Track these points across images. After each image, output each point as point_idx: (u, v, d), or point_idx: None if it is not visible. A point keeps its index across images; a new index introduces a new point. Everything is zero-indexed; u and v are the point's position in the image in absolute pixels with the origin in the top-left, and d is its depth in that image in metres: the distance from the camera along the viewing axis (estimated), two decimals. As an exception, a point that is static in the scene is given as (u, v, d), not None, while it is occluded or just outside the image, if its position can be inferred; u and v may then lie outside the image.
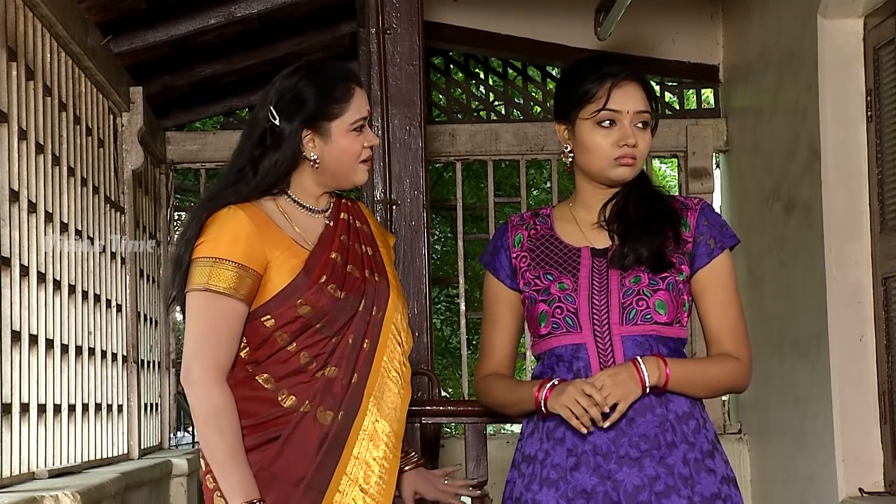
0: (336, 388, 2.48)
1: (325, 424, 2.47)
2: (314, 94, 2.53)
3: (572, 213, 2.63)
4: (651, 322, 2.47)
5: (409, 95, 5.00)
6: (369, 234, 2.66)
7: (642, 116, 2.53)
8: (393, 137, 4.99)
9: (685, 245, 2.54)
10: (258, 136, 2.54)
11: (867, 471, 5.03)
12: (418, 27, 5.01)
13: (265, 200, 2.55)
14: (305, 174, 2.57)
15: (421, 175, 5.00)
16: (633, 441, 2.44)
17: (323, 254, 2.52)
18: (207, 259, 2.45)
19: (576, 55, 7.09)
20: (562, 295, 2.51)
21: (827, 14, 5.15)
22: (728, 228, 2.58)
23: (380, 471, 2.52)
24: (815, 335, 5.29)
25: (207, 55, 6.51)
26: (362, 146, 2.57)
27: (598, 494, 2.43)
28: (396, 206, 4.96)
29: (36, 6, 4.27)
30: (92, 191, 5.18)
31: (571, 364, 2.49)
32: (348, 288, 2.52)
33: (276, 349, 2.48)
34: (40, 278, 4.25)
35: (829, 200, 5.17)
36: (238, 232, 2.46)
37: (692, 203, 2.59)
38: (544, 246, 2.61)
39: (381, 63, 5.01)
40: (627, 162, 2.52)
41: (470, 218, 9.47)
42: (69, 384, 4.64)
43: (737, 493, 2.51)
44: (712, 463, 2.48)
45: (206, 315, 2.45)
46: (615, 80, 2.52)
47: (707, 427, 2.52)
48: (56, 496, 3.55)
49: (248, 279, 2.45)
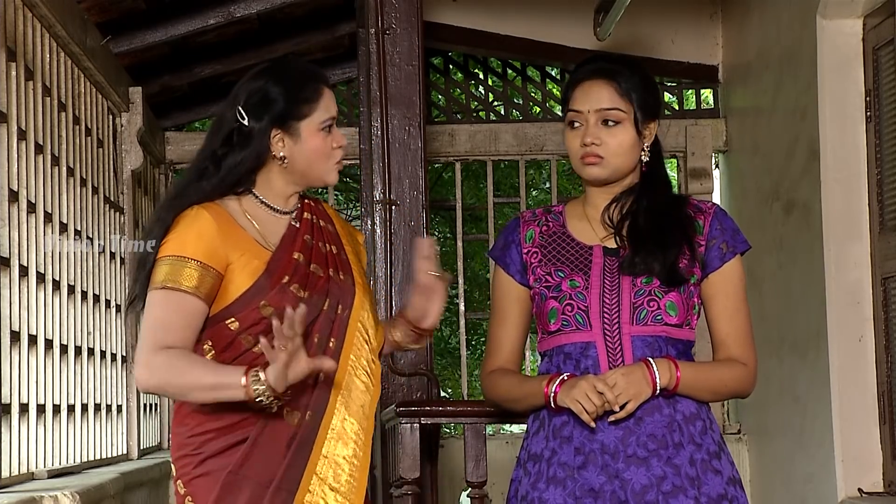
0: (303, 388, 2.48)
1: (293, 425, 2.46)
2: (283, 93, 2.52)
3: (584, 211, 2.63)
4: (661, 323, 2.47)
5: (408, 95, 5.00)
6: (334, 233, 2.65)
7: (607, 114, 2.53)
8: (392, 137, 4.99)
9: (697, 249, 2.54)
10: (225, 135, 2.53)
11: (866, 471, 5.03)
12: (417, 27, 5.00)
13: (229, 200, 2.54)
14: (274, 173, 2.56)
15: (420, 175, 5.00)
16: (640, 441, 2.44)
17: (285, 255, 2.51)
18: (169, 258, 2.45)
19: (575, 55, 7.08)
20: (573, 292, 2.51)
21: (826, 14, 5.15)
22: (740, 234, 2.58)
23: (350, 469, 2.51)
24: (815, 335, 5.29)
25: (207, 55, 6.51)
26: (331, 147, 2.56)
27: (605, 493, 2.43)
28: (396, 206, 4.96)
29: (35, 6, 4.27)
30: (91, 191, 5.18)
31: (579, 362, 2.49)
32: (311, 287, 2.51)
33: (242, 351, 2.47)
34: (39, 278, 4.25)
35: (828, 201, 5.17)
36: (200, 231, 2.46)
37: (706, 207, 2.59)
38: (556, 243, 2.60)
39: (381, 63, 5.01)
40: (591, 161, 2.53)
41: (469, 218, 9.46)
42: (68, 384, 4.64)
43: (742, 495, 2.51)
44: (719, 464, 2.48)
45: (160, 309, 2.44)
46: (578, 80, 2.56)
47: (713, 428, 2.52)
48: (55, 496, 3.55)
49: (208, 278, 2.44)
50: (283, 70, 2.58)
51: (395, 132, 5.00)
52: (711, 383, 2.51)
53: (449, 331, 11.31)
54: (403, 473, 3.79)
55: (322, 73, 2.62)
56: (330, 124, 2.56)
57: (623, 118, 2.53)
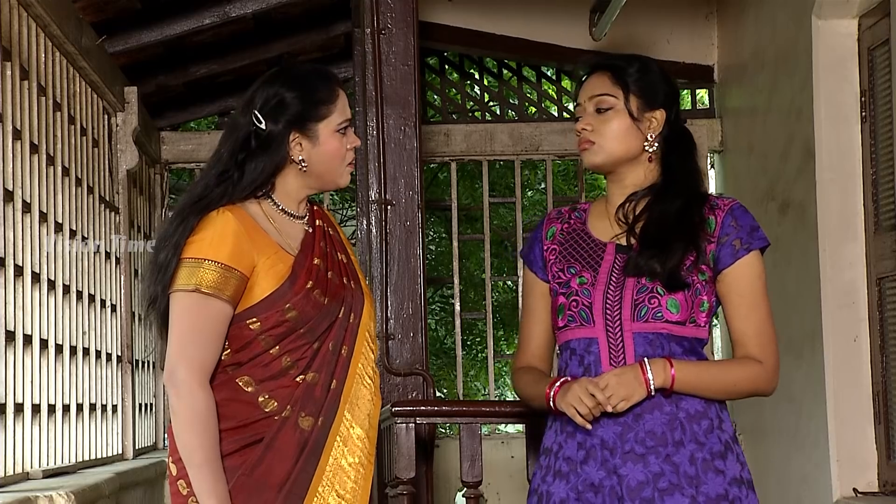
0: (316, 394, 2.48)
1: (306, 430, 2.47)
2: (300, 96, 2.53)
3: (605, 209, 2.64)
4: (662, 320, 2.46)
5: (403, 95, 5.00)
6: (341, 241, 2.68)
7: (599, 101, 2.56)
8: (388, 137, 5.00)
9: (708, 245, 2.52)
10: (241, 139, 2.53)
11: (861, 471, 5.04)
12: (413, 27, 5.01)
13: (250, 204, 2.54)
14: (290, 177, 2.56)
15: (416, 175, 5.00)
16: (638, 437, 2.44)
17: (307, 259, 2.52)
18: (194, 260, 2.44)
19: (571, 55, 7.08)
20: (580, 289, 2.53)
21: (821, 14, 5.15)
22: (759, 230, 2.56)
23: (355, 476, 2.52)
24: (810, 335, 5.29)
25: (202, 55, 6.50)
26: (346, 148, 2.57)
27: (605, 488, 2.45)
28: (391, 206, 4.96)
29: (30, 6, 4.26)
30: (87, 191, 5.17)
31: (583, 358, 2.51)
32: (331, 294, 2.52)
33: (259, 352, 2.47)
34: (35, 278, 4.25)
35: (823, 201, 5.17)
36: (225, 233, 2.45)
37: (722, 203, 2.57)
38: (574, 240, 2.62)
39: (376, 63, 5.01)
40: (583, 146, 2.57)
41: (465, 218, 9.48)
42: (64, 384, 4.64)
43: (749, 496, 2.48)
44: (723, 464, 2.47)
45: (191, 315, 2.44)
46: (580, 77, 2.62)
47: (723, 428, 2.50)
48: (50, 496, 3.55)
49: (233, 280, 2.44)
50: (296, 73, 2.59)
51: (391, 132, 5.00)
52: (719, 383, 2.49)
53: (444, 331, 11.31)
54: (399, 473, 3.79)
55: (335, 75, 2.63)
56: (346, 126, 2.57)
57: (614, 104, 2.55)
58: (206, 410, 2.42)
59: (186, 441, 2.43)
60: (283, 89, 2.53)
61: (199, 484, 2.41)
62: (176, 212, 2.54)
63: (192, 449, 2.42)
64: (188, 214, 2.50)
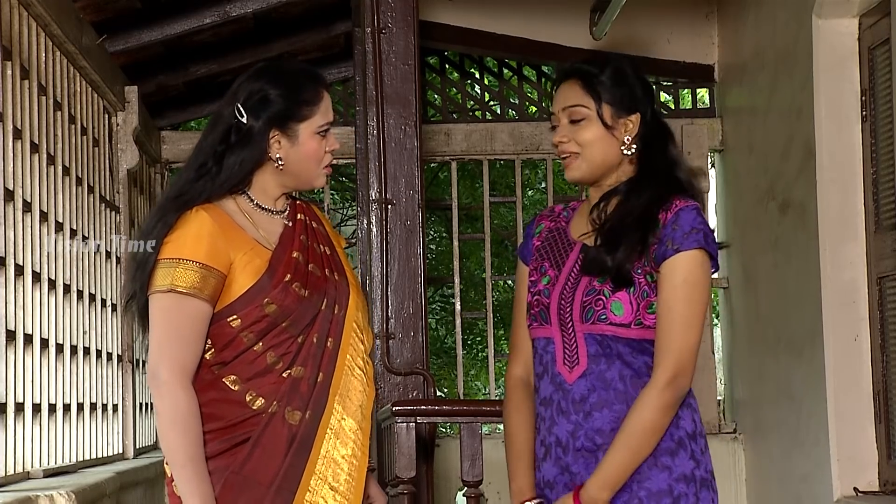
0: (303, 388, 2.48)
1: (294, 424, 2.47)
2: (284, 94, 2.52)
3: (586, 208, 2.63)
4: (606, 322, 2.44)
5: (404, 95, 5.01)
6: (325, 235, 2.67)
7: (572, 112, 2.51)
8: (388, 137, 5.00)
9: (652, 245, 2.45)
10: (222, 132, 2.53)
11: (862, 470, 5.04)
12: (413, 26, 5.01)
13: (226, 200, 2.54)
14: (267, 174, 2.56)
15: (416, 174, 5.01)
16: (588, 434, 2.44)
17: (285, 253, 2.52)
18: (171, 260, 2.45)
19: (571, 55, 7.09)
20: (543, 288, 2.53)
21: (822, 14, 5.15)
22: (698, 234, 2.43)
23: (349, 468, 2.52)
24: (810, 335, 5.29)
25: (202, 54, 6.51)
26: (324, 150, 2.57)
27: (558, 486, 2.47)
28: (392, 205, 4.96)
29: (31, 5, 4.26)
30: (87, 190, 5.17)
31: (542, 357, 2.52)
32: (312, 286, 2.52)
33: (243, 349, 2.47)
34: (35, 277, 4.25)
35: (823, 200, 5.17)
36: (201, 232, 2.45)
37: (676, 204, 2.47)
38: (552, 239, 2.61)
39: (377, 62, 5.01)
40: (565, 162, 2.54)
41: (465, 218, 9.48)
42: (64, 383, 4.64)
43: (702, 493, 2.43)
44: (670, 461, 2.42)
45: (170, 316, 2.44)
46: (555, 84, 2.59)
47: (679, 425, 2.44)
48: (51, 496, 3.55)
49: (211, 279, 2.44)
50: (283, 71, 2.58)
51: (391, 131, 5.00)
52: (638, 447, 2.39)
53: (445, 330, 11.31)
54: (399, 473, 3.80)
55: (322, 77, 2.62)
56: (327, 129, 2.57)
57: (586, 114, 2.51)
58: (187, 410, 2.42)
59: (169, 441, 2.43)
60: (268, 85, 2.53)
61: (183, 484, 2.42)
62: (157, 207, 2.56)
63: (174, 449, 2.42)
64: (167, 211, 2.51)
